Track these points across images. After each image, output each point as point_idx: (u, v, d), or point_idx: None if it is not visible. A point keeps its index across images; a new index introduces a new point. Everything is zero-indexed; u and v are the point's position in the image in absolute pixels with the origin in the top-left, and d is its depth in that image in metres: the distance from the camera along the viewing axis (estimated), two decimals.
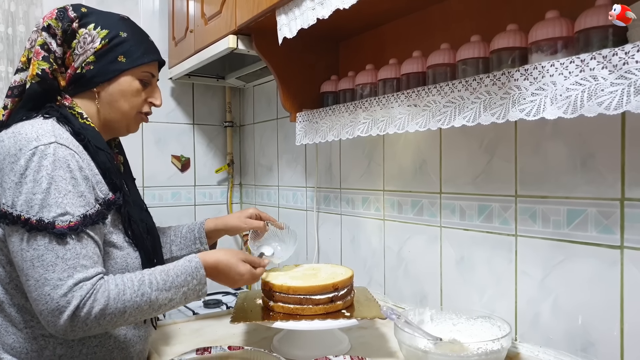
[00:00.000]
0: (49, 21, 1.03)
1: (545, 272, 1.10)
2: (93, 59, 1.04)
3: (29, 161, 0.90)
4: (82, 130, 1.01)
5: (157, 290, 0.95)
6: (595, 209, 1.01)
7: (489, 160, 1.22)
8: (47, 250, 0.88)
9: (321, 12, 1.15)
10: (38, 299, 0.87)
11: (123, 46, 1.06)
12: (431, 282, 1.40)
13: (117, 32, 1.06)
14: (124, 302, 0.91)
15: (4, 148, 0.94)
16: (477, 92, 1.00)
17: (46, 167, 0.90)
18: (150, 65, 1.11)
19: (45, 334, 0.98)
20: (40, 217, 0.88)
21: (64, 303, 0.86)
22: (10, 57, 1.91)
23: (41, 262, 0.87)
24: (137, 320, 0.96)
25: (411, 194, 1.46)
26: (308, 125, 1.56)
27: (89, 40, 1.04)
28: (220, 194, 2.49)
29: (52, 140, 0.93)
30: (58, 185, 0.90)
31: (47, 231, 0.88)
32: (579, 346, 1.04)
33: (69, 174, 0.92)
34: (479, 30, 1.12)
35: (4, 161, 0.93)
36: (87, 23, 1.05)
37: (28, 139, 0.92)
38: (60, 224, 0.89)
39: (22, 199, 0.89)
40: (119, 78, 1.06)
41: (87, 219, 0.92)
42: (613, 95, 0.79)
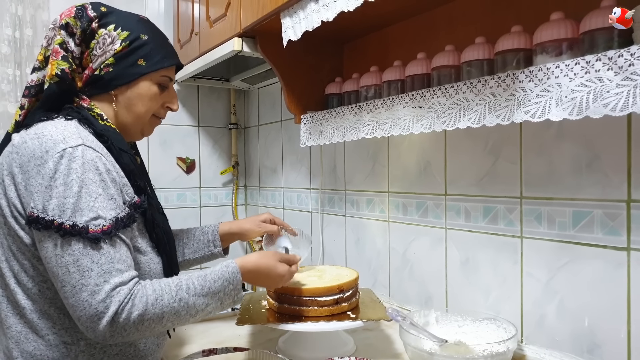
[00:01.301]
0: (67, 19, 1.00)
1: (550, 274, 1.10)
2: (112, 61, 1.01)
3: (58, 164, 0.87)
4: (105, 132, 0.98)
5: (195, 296, 0.94)
6: (601, 211, 1.01)
7: (494, 161, 1.22)
8: (82, 256, 0.86)
9: (326, 15, 1.15)
10: (76, 305, 0.85)
11: (143, 49, 1.03)
12: (436, 283, 1.40)
13: (138, 34, 1.03)
14: (161, 307, 0.89)
15: (27, 150, 0.91)
16: (482, 94, 1.00)
17: (76, 170, 0.88)
18: (169, 69, 1.08)
19: (67, 341, 0.95)
20: (74, 222, 0.86)
21: (102, 309, 0.84)
22: (17, 60, 1.92)
23: (77, 268, 0.85)
24: (174, 326, 0.94)
25: (416, 196, 1.46)
26: (312, 127, 1.56)
27: (108, 42, 1.01)
28: (225, 195, 2.49)
29: (80, 142, 0.91)
30: (89, 188, 0.88)
31: (81, 236, 0.86)
32: (585, 348, 1.04)
33: (99, 176, 0.90)
34: (484, 32, 1.12)
35: (28, 163, 0.90)
36: (107, 23, 1.01)
37: (54, 141, 0.90)
38: (93, 228, 0.86)
39: (53, 203, 0.86)
40: (138, 82, 1.04)
41: (119, 223, 0.90)
42: (619, 96, 0.79)
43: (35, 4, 1.94)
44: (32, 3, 1.93)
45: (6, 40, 1.89)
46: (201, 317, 0.97)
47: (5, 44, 1.89)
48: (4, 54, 1.89)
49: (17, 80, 1.92)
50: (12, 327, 0.96)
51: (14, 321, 0.96)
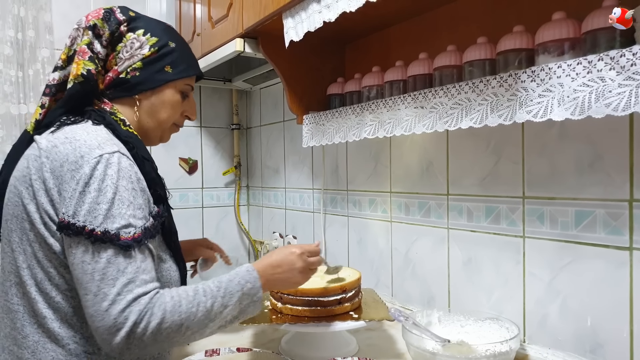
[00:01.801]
0: (95, 20, 0.99)
1: (553, 274, 1.10)
2: (140, 66, 1.01)
3: (94, 169, 0.85)
4: (129, 138, 0.96)
5: (212, 298, 0.90)
6: (603, 210, 1.01)
7: (496, 161, 1.22)
8: (109, 264, 0.83)
9: (327, 15, 1.15)
10: (95, 315, 0.82)
11: (171, 56, 1.03)
12: (439, 283, 1.40)
13: (167, 41, 1.03)
14: (180, 313, 0.86)
15: (59, 154, 0.89)
16: (484, 94, 1.00)
17: (111, 177, 0.86)
18: (192, 78, 1.09)
19: (88, 351, 0.92)
20: (105, 229, 0.83)
21: (121, 320, 0.81)
22: (20, 62, 1.93)
23: (102, 276, 0.83)
24: (193, 335, 0.90)
25: (418, 196, 1.46)
26: (315, 128, 1.56)
27: (137, 46, 1.01)
28: (228, 196, 2.50)
29: (116, 149, 0.89)
30: (122, 195, 0.86)
31: (112, 243, 0.83)
32: (588, 348, 1.04)
33: (131, 184, 0.88)
34: (486, 32, 1.12)
35: (61, 168, 0.88)
36: (136, 28, 1.02)
37: (90, 146, 0.88)
38: (125, 235, 0.84)
39: (85, 209, 0.84)
40: (163, 88, 1.04)
41: (147, 232, 0.89)
42: (621, 96, 0.79)
43: (38, 6, 1.95)
44: (34, 4, 1.94)
45: (8, 41, 1.89)
46: (221, 324, 0.93)
47: (7, 45, 1.89)
48: (6, 55, 1.89)
49: (20, 82, 1.93)
50: (28, 337, 0.92)
51: (32, 330, 0.92)
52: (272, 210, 2.32)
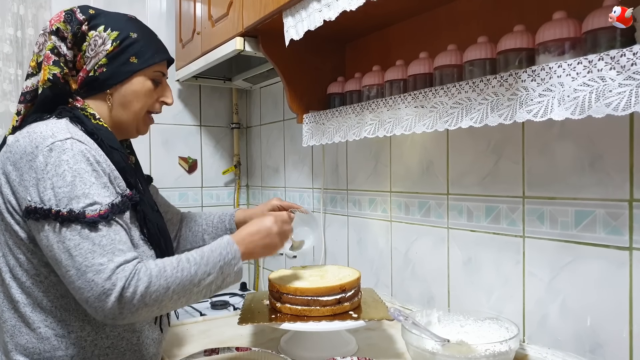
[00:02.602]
0: (57, 24, 1.03)
1: (553, 274, 1.10)
2: (105, 62, 1.04)
3: (48, 157, 0.91)
4: (96, 130, 1.01)
5: (196, 265, 0.96)
6: (603, 210, 1.01)
7: (496, 161, 1.22)
8: (82, 239, 0.88)
9: (328, 14, 1.15)
10: (82, 287, 0.87)
11: (134, 47, 1.06)
12: (438, 283, 1.40)
13: (128, 33, 1.05)
14: (166, 277, 0.91)
15: (19, 147, 0.94)
16: (484, 93, 1.00)
17: (67, 161, 0.91)
18: (161, 64, 1.11)
19: (59, 334, 0.98)
20: (71, 209, 0.88)
21: (109, 286, 0.86)
22: (19, 60, 1.93)
23: (79, 251, 0.87)
24: (180, 300, 0.95)
25: (418, 195, 1.46)
26: (315, 127, 1.56)
27: (100, 43, 1.03)
28: (227, 195, 2.49)
29: (68, 135, 0.94)
30: (82, 177, 0.91)
31: (79, 221, 0.88)
32: (588, 348, 1.04)
33: (90, 166, 0.93)
34: (486, 31, 1.12)
35: (21, 160, 0.93)
36: (97, 25, 1.04)
37: (43, 137, 0.93)
38: (90, 213, 0.89)
39: (48, 194, 0.89)
40: (132, 79, 1.07)
41: (114, 208, 0.93)
42: (621, 96, 0.78)
43: (37, 4, 1.94)
44: (33, 2, 1.94)
45: (8, 39, 1.89)
46: (206, 292, 0.98)
47: (7, 43, 1.89)
48: (5, 53, 1.89)
49: (19, 80, 1.92)
50: (7, 321, 1.00)
51: (9, 315, 0.99)
52: None
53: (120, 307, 0.87)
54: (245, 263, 2.51)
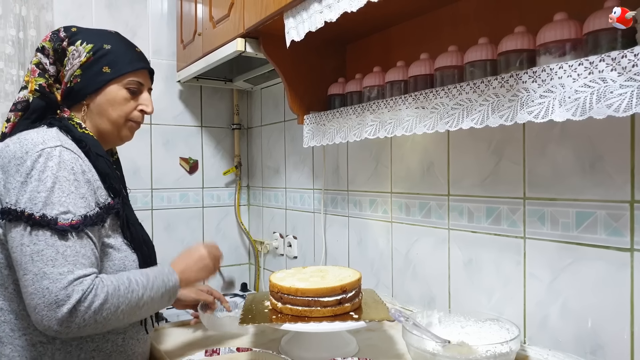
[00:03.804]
0: (43, 43, 1.11)
1: (554, 275, 1.10)
2: (79, 72, 1.09)
3: (35, 162, 0.94)
4: (83, 138, 1.05)
5: (143, 288, 0.99)
6: (604, 212, 1.01)
7: (497, 162, 1.22)
8: (47, 246, 0.89)
9: (329, 15, 1.15)
10: (35, 293, 0.88)
11: (107, 57, 1.10)
12: (439, 284, 1.40)
13: (101, 44, 1.10)
14: (118, 297, 0.94)
15: (9, 152, 0.97)
16: (485, 95, 1.00)
17: (51, 168, 0.94)
18: (138, 73, 1.14)
19: (43, 341, 0.99)
20: (44, 214, 0.90)
21: (62, 296, 0.87)
22: (21, 61, 1.93)
23: (41, 257, 0.89)
24: (124, 319, 0.98)
25: (419, 196, 1.46)
26: (315, 128, 1.56)
27: (76, 56, 1.09)
28: (228, 196, 2.49)
29: (58, 143, 0.97)
30: (62, 185, 0.94)
31: (49, 227, 0.90)
32: (589, 349, 1.04)
33: (73, 175, 0.96)
34: (487, 33, 1.12)
35: (9, 164, 0.96)
36: (75, 40, 1.10)
37: (34, 143, 0.96)
38: (62, 221, 0.91)
39: (26, 197, 0.91)
40: (105, 88, 1.10)
41: (87, 220, 0.95)
42: (622, 97, 0.78)
43: (39, 5, 1.95)
44: (36, 4, 1.94)
45: (10, 40, 1.89)
46: (146, 313, 1.03)
47: (9, 44, 1.89)
48: (8, 54, 1.89)
49: (21, 81, 1.93)
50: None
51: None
52: (272, 211, 2.32)
53: (69, 319, 0.87)
54: (246, 264, 2.52)
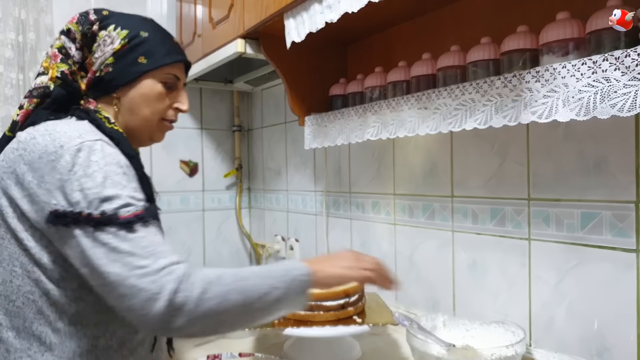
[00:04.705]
0: (69, 25, 0.99)
1: (559, 276, 1.09)
2: (112, 61, 0.97)
3: (75, 157, 0.82)
4: (113, 134, 0.93)
5: (258, 276, 0.84)
6: (609, 212, 1.00)
7: (501, 163, 1.21)
8: (120, 242, 0.78)
9: (330, 16, 1.14)
10: (125, 294, 0.76)
11: (144, 46, 0.98)
12: (443, 287, 1.39)
13: (138, 31, 0.98)
14: (225, 285, 0.80)
15: (38, 146, 0.85)
16: (488, 95, 0.99)
17: (97, 162, 0.83)
18: (174, 66, 1.03)
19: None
20: (103, 210, 0.79)
21: (155, 289, 0.75)
22: (20, 64, 1.92)
23: (117, 255, 0.78)
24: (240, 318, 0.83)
25: (422, 198, 1.45)
26: (317, 129, 1.55)
27: (108, 42, 0.97)
28: (229, 198, 2.49)
29: (98, 137, 0.87)
30: (113, 179, 0.83)
31: (112, 223, 0.79)
32: (595, 351, 1.03)
33: (120, 169, 0.85)
34: (489, 32, 1.11)
35: (39, 160, 0.84)
36: (108, 25, 0.98)
37: (70, 136, 0.85)
38: (124, 214, 0.80)
39: (77, 196, 0.80)
40: (139, 81, 0.99)
41: (149, 211, 0.84)
42: (626, 96, 0.77)
43: (39, 8, 1.94)
44: (35, 7, 1.93)
45: (9, 44, 1.89)
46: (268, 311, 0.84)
47: (8, 48, 1.89)
48: (7, 58, 1.89)
49: (21, 85, 1.92)
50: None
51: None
52: (273, 213, 2.31)
53: (170, 314, 0.76)
54: None
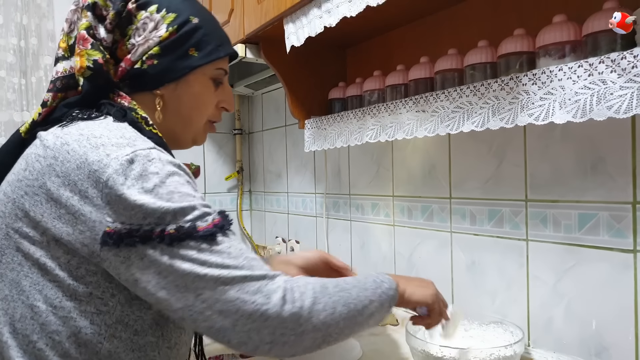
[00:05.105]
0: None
1: (557, 277, 1.10)
2: (157, 51, 0.80)
3: (128, 169, 0.67)
4: (153, 139, 0.77)
5: (355, 287, 0.77)
6: (606, 213, 1.00)
7: (499, 164, 1.22)
8: (208, 256, 0.67)
9: (328, 21, 1.16)
10: (224, 311, 0.66)
11: (196, 35, 0.82)
12: (442, 287, 1.39)
13: (187, 16, 0.82)
14: (330, 295, 0.72)
15: (74, 154, 0.69)
16: (486, 97, 1.00)
17: (157, 174, 0.68)
18: (224, 59, 0.89)
19: None
20: (178, 225, 0.66)
21: (262, 300, 0.66)
22: (22, 69, 1.94)
23: (209, 269, 0.66)
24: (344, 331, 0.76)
25: (421, 199, 1.46)
26: (316, 132, 1.56)
27: (151, 27, 0.80)
28: (230, 200, 2.50)
29: (151, 145, 0.72)
30: (180, 190, 0.69)
31: (192, 237, 0.67)
32: (593, 351, 1.03)
33: (183, 178, 0.71)
34: (487, 35, 1.12)
35: (78, 171, 0.67)
36: (148, 3, 0.80)
37: (117, 144, 0.69)
38: (202, 225, 0.68)
39: (143, 211, 0.66)
40: (189, 77, 0.83)
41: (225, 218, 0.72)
42: (622, 98, 0.78)
43: (40, 13, 1.96)
44: (37, 12, 1.95)
45: (11, 49, 1.90)
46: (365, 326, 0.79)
47: (10, 53, 1.90)
48: (9, 63, 1.90)
49: (23, 89, 1.94)
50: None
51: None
52: (274, 215, 2.32)
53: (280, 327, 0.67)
54: None
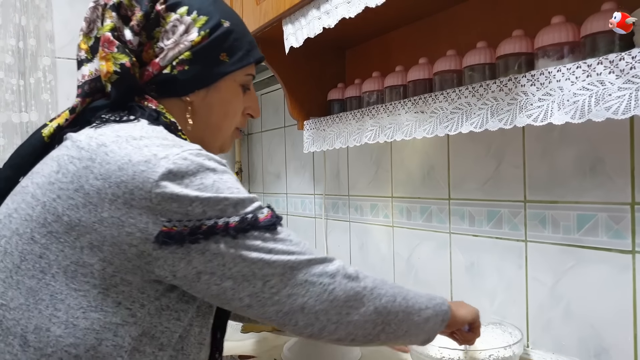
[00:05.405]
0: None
1: (556, 278, 1.10)
2: (189, 56, 0.77)
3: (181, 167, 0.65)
4: None
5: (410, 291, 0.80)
6: (605, 214, 1.00)
7: (497, 165, 1.22)
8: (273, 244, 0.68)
9: (327, 22, 1.16)
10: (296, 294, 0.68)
11: (227, 40, 0.80)
12: (441, 288, 1.40)
13: (218, 19, 0.79)
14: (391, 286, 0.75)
15: (113, 155, 0.65)
16: (484, 98, 1.00)
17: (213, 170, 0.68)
18: (253, 65, 0.88)
19: None
20: (240, 216, 0.67)
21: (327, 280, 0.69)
22: (21, 70, 1.94)
23: (276, 256, 0.67)
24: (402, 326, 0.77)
25: (420, 200, 1.46)
26: (315, 133, 1.56)
27: (181, 30, 0.77)
28: None
29: (197, 147, 0.70)
30: (231, 187, 0.68)
31: (255, 227, 0.67)
32: (592, 352, 1.03)
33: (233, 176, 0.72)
34: (485, 36, 1.12)
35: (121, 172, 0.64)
36: (178, 5, 0.77)
37: (163, 145, 0.67)
38: (262, 216, 0.68)
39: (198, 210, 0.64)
40: (220, 84, 0.81)
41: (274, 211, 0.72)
42: (621, 99, 0.78)
43: (39, 14, 1.96)
44: (35, 13, 1.95)
45: (10, 50, 1.90)
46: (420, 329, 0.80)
47: (9, 54, 1.90)
48: (7, 64, 1.90)
49: (21, 90, 1.93)
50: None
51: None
52: None
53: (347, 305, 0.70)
54: None
